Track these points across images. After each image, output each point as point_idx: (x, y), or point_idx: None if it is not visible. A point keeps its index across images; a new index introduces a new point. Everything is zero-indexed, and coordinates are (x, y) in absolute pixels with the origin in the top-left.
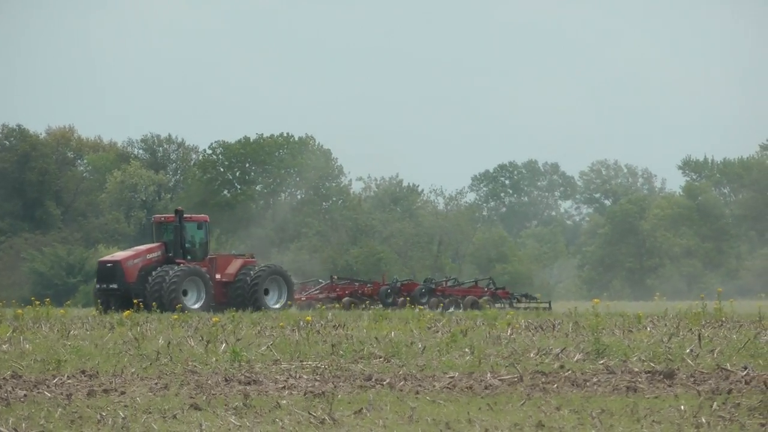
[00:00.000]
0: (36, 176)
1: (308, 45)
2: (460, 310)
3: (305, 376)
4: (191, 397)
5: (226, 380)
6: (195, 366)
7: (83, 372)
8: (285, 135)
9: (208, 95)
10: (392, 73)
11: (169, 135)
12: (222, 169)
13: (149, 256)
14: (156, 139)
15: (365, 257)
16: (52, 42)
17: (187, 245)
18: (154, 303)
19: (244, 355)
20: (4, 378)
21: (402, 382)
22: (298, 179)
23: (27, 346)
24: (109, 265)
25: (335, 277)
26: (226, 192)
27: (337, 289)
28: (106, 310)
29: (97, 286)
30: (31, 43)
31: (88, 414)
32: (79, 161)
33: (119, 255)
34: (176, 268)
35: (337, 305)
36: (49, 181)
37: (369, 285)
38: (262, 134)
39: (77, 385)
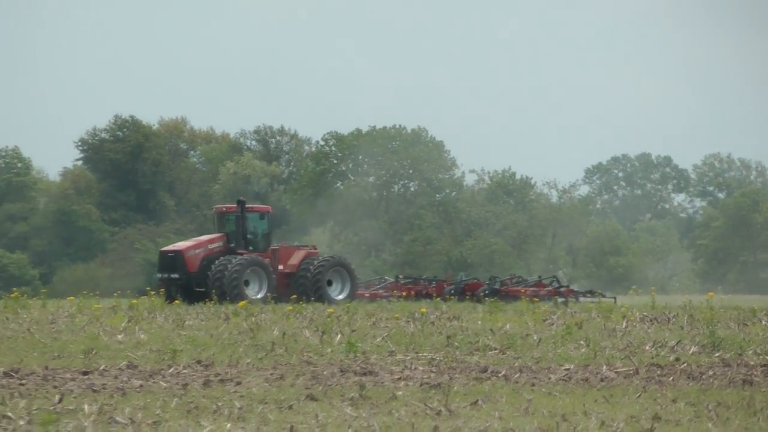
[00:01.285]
0: (149, 167)
1: (420, 35)
2: None
3: (421, 368)
4: (307, 388)
5: (342, 371)
6: (310, 357)
7: (199, 362)
8: (398, 126)
9: (320, 86)
10: (503, 65)
11: (282, 126)
12: (335, 161)
13: (211, 246)
14: (269, 131)
15: (479, 249)
16: (166, 34)
17: (249, 236)
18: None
19: (360, 347)
20: (120, 368)
21: (518, 374)
22: (411, 171)
23: (142, 336)
24: (170, 254)
25: (401, 276)
26: (339, 184)
27: (402, 288)
28: (168, 300)
29: (159, 275)
30: (144, 34)
31: (204, 404)
32: (191, 152)
33: (181, 245)
34: (238, 258)
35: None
36: (162, 172)
37: (433, 284)
38: (375, 126)
39: (193, 375)
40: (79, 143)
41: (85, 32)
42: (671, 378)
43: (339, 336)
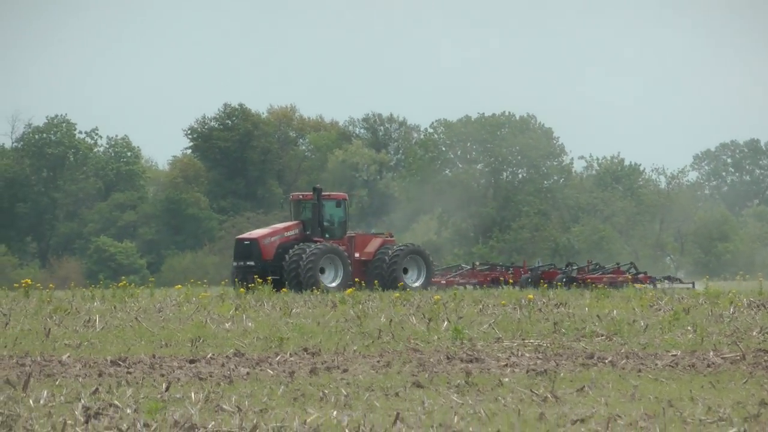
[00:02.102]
0: (258, 155)
1: (528, 21)
2: None
3: (527, 354)
4: (413, 375)
5: (448, 358)
6: (417, 344)
7: (305, 350)
8: (506, 114)
9: (429, 73)
10: (613, 51)
11: (391, 114)
12: (443, 148)
13: (287, 234)
14: (377, 118)
15: (587, 236)
16: (274, 22)
17: (325, 223)
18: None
19: (466, 333)
20: (227, 356)
21: (624, 360)
22: (519, 158)
23: (250, 324)
24: (246, 242)
25: (477, 263)
26: (447, 171)
27: (479, 276)
28: (243, 288)
29: (234, 263)
30: (252, 23)
31: (311, 391)
32: (300, 140)
33: (257, 233)
34: (313, 246)
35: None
36: (271, 160)
37: (510, 271)
38: (483, 113)
39: (299, 362)
40: (189, 132)
41: (194, 20)
42: None
43: (446, 323)
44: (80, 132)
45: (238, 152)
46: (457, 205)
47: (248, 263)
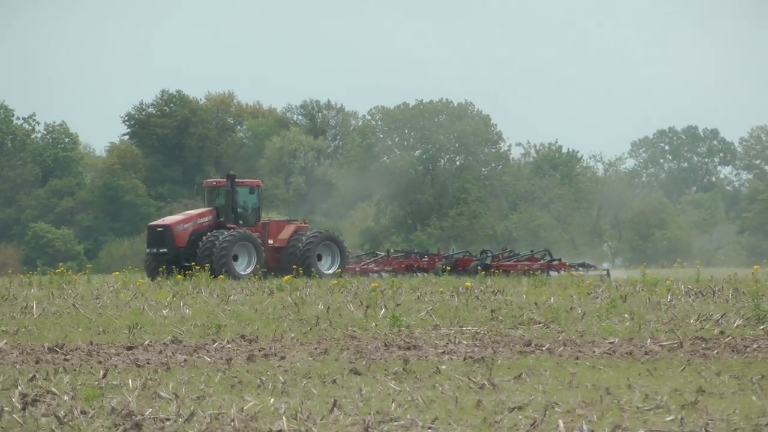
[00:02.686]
0: (196, 142)
1: (465, 7)
2: None
3: (465, 342)
4: (351, 362)
5: (386, 345)
6: (354, 331)
7: (243, 337)
8: (444, 101)
9: (367, 61)
10: (549, 37)
11: (329, 101)
12: (381, 135)
13: (200, 221)
14: (315, 105)
15: (524, 223)
16: (214, 9)
17: (239, 210)
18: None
19: (404, 321)
20: (164, 343)
21: (561, 348)
22: (457, 145)
23: (187, 311)
24: (159, 229)
25: (392, 250)
26: (385, 158)
27: (393, 263)
28: (153, 275)
29: (147, 250)
30: (194, 10)
31: (248, 378)
32: (238, 127)
33: (169, 219)
34: (226, 233)
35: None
36: (209, 146)
37: (425, 259)
38: (422, 100)
39: (237, 349)
40: (126, 118)
41: (135, 6)
42: (715, 351)
43: (383, 310)
44: (18, 118)
45: (176, 139)
46: (394, 192)
47: (161, 250)
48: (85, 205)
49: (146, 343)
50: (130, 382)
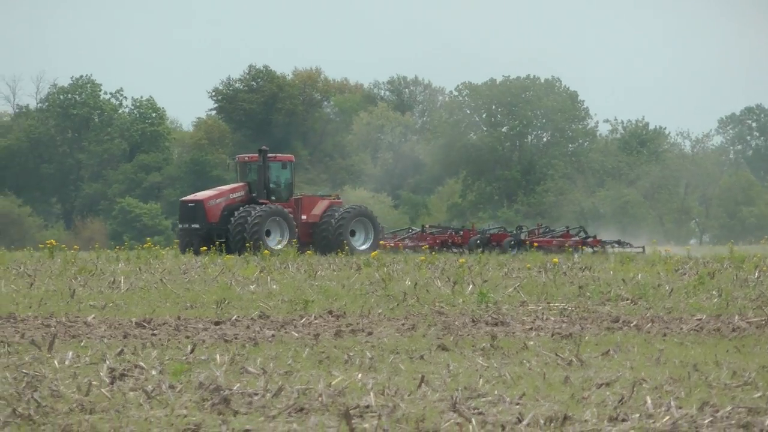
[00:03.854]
0: (283, 117)
1: None
2: None
3: (552, 318)
4: (438, 338)
5: (474, 321)
6: (442, 307)
7: (330, 312)
8: (531, 77)
9: (454, 37)
10: (638, 13)
11: (416, 77)
12: (468, 111)
13: (232, 196)
14: (402, 81)
15: (611, 200)
16: None
17: (271, 185)
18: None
19: (491, 297)
20: (252, 318)
21: (649, 324)
22: (544, 121)
23: (274, 286)
24: (191, 204)
25: (427, 225)
26: (472, 134)
27: (428, 238)
28: (184, 250)
29: (180, 225)
30: None
31: (336, 354)
32: (325, 103)
33: (201, 194)
34: (259, 208)
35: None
36: (296, 122)
37: (459, 234)
38: (509, 76)
39: (324, 325)
40: (213, 93)
41: None
42: None
43: (471, 286)
44: (105, 93)
45: (263, 114)
46: (481, 168)
47: (193, 226)
48: (173, 180)
49: (234, 318)
50: (217, 357)
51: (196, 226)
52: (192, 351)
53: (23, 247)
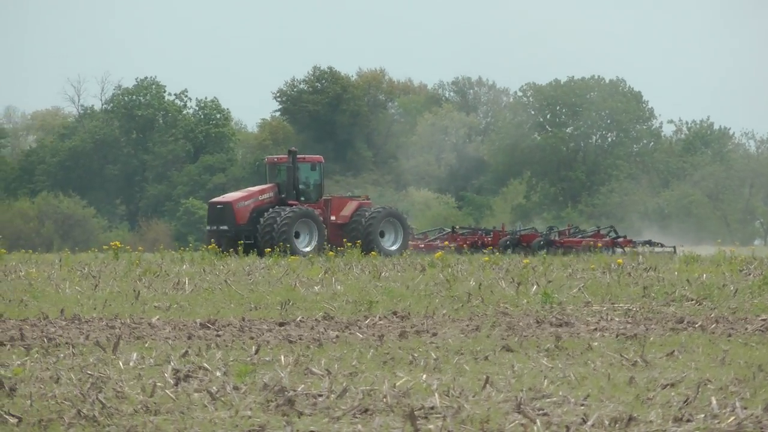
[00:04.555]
0: (347, 118)
1: None
2: None
3: (617, 319)
4: (503, 339)
5: (538, 322)
6: (506, 308)
7: (395, 313)
8: (596, 77)
9: (517, 37)
10: (703, 14)
11: (480, 77)
12: (533, 112)
13: (261, 198)
14: (467, 82)
15: (676, 200)
16: None
17: (300, 186)
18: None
19: (556, 297)
20: (316, 319)
21: (714, 325)
22: (608, 122)
23: (339, 287)
24: (219, 206)
25: (457, 227)
26: (536, 135)
27: (458, 239)
28: (216, 252)
29: (208, 227)
30: None
31: (400, 355)
32: (389, 104)
33: (230, 196)
34: (288, 209)
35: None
36: (360, 123)
37: (489, 235)
38: (573, 76)
39: (389, 326)
40: (278, 94)
41: None
42: None
43: (535, 287)
44: (170, 94)
45: (327, 115)
46: (545, 169)
47: (221, 228)
48: (237, 181)
49: (298, 319)
50: (282, 358)
51: (225, 227)
52: (256, 352)
53: (88, 249)
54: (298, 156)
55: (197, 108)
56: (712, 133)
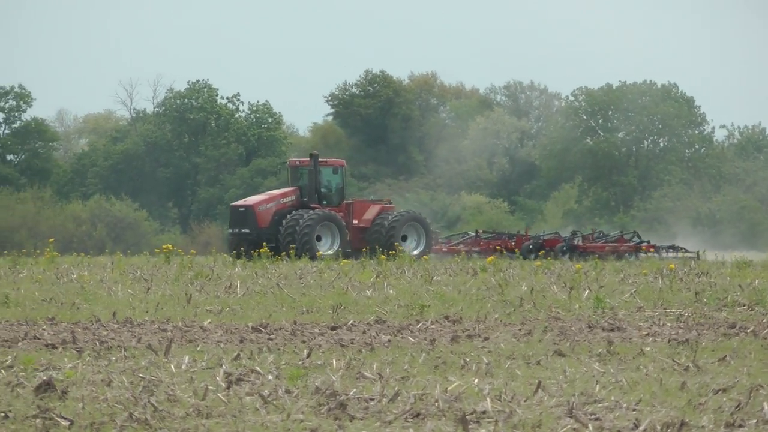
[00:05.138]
0: (399, 123)
1: None
2: None
3: (669, 324)
4: (555, 344)
5: (590, 327)
6: (558, 312)
7: (447, 317)
8: (648, 82)
9: (568, 41)
10: (748, 19)
11: (532, 82)
12: (584, 117)
13: (283, 201)
14: (519, 86)
15: (728, 205)
16: None
17: (322, 190)
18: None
19: (608, 303)
20: (368, 323)
21: (766, 330)
22: (660, 126)
23: (391, 291)
24: (241, 209)
25: (480, 231)
26: (588, 139)
27: (481, 243)
28: (237, 255)
29: (230, 230)
30: None
31: (452, 359)
32: (441, 108)
33: (252, 199)
34: (309, 213)
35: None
36: (412, 127)
37: (513, 240)
38: (625, 81)
39: (440, 330)
40: (330, 98)
41: None
42: None
43: (587, 292)
44: (222, 98)
45: (379, 119)
46: (597, 174)
47: (243, 230)
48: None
49: (350, 322)
50: (334, 361)
51: (246, 230)
52: (308, 356)
53: (140, 252)
54: (320, 159)
55: (249, 111)
56: (764, 138)
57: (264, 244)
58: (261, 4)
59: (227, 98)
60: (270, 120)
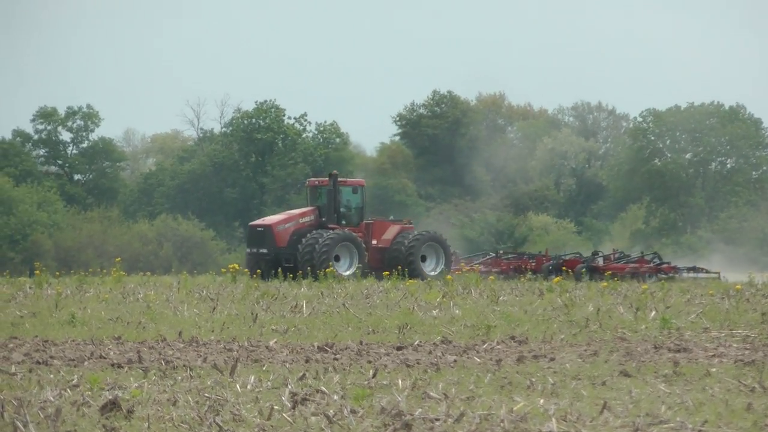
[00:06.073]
0: (466, 143)
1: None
2: None
3: (735, 345)
4: (620, 364)
5: (656, 348)
6: (624, 333)
7: (512, 338)
8: (715, 103)
9: (636, 62)
10: None
11: (599, 102)
12: (652, 138)
13: (302, 221)
14: (586, 107)
15: None
16: (483, 7)
17: (341, 210)
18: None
19: (674, 323)
20: (434, 343)
21: None
22: (728, 148)
23: (457, 311)
24: (259, 229)
25: (501, 251)
26: (656, 160)
27: (501, 264)
28: (254, 275)
29: (248, 250)
30: (463, 11)
31: (518, 380)
32: (509, 128)
33: (270, 219)
34: (329, 233)
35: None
36: (479, 147)
37: (533, 260)
38: (693, 102)
39: (506, 350)
40: (397, 118)
41: (402, 5)
42: None
43: (653, 312)
44: (289, 118)
45: (446, 139)
46: (665, 195)
47: (261, 250)
48: None
49: (416, 343)
50: (399, 381)
51: (264, 250)
52: (374, 376)
53: (206, 272)
54: (339, 179)
55: (316, 131)
56: None
57: (282, 264)
58: (329, 24)
59: (294, 118)
60: (337, 140)
